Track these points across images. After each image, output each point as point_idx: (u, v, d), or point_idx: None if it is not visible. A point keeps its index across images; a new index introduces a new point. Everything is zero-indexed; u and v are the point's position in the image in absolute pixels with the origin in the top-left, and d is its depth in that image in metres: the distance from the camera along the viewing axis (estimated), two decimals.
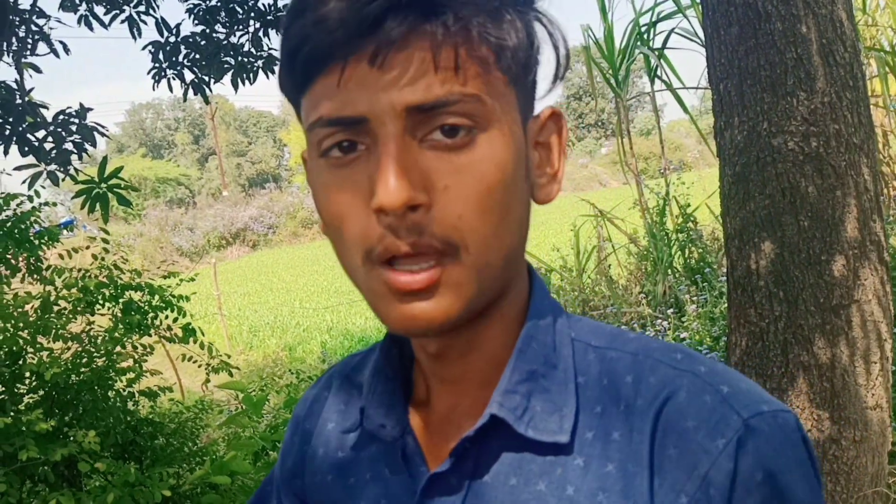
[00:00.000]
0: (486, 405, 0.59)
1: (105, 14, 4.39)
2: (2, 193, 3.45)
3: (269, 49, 4.74)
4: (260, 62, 4.72)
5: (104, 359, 3.36)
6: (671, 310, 6.06)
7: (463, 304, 0.54)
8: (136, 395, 3.52)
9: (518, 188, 0.55)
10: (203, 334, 3.86)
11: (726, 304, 5.31)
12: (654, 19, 7.23)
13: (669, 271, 6.75)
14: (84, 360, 3.31)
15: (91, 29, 4.38)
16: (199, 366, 3.94)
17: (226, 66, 4.58)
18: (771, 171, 2.36)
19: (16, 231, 3.22)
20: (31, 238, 3.31)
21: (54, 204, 3.88)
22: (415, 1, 0.50)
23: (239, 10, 4.53)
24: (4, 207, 3.33)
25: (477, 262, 0.53)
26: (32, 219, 3.36)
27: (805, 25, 2.30)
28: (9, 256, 3.17)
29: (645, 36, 7.30)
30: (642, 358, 0.57)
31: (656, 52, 7.19)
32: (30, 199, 3.43)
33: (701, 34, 6.85)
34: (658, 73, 7.44)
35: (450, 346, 0.61)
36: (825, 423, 2.33)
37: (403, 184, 0.50)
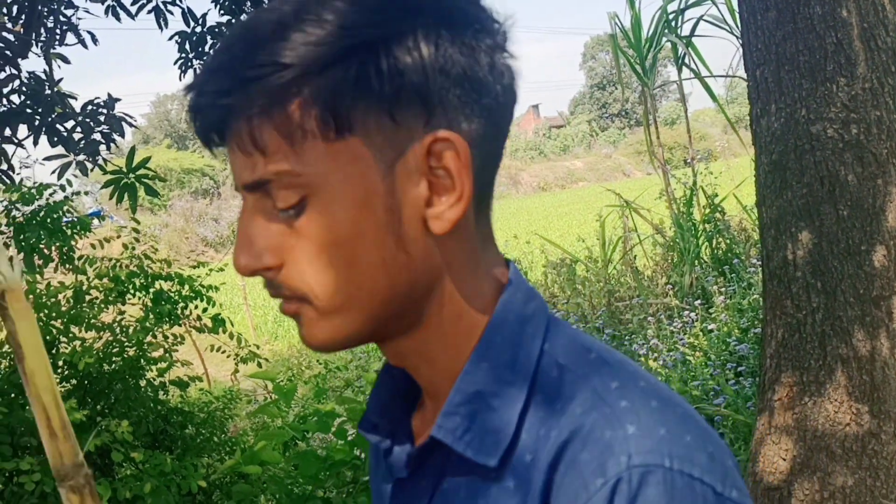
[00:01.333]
0: None
1: (132, 4, 4.39)
2: (35, 183, 3.48)
3: None
4: None
5: (135, 348, 3.39)
6: (698, 301, 6.01)
7: (328, 335, 0.59)
8: (168, 384, 3.55)
9: (366, 238, 0.55)
10: (232, 324, 3.87)
11: (755, 296, 5.27)
12: (682, 7, 7.14)
13: (696, 262, 6.69)
14: (115, 349, 3.34)
15: (118, 19, 4.40)
16: (228, 356, 3.96)
17: None
18: (809, 159, 2.32)
19: (48, 221, 3.24)
20: (64, 228, 3.34)
21: (86, 193, 3.90)
22: (219, 92, 0.54)
23: None
24: (37, 197, 3.36)
25: (327, 307, 0.57)
26: (65, 208, 3.39)
27: (846, 9, 2.25)
28: (41, 246, 3.19)
29: (672, 24, 7.22)
30: (584, 383, 0.57)
31: (684, 41, 7.10)
32: (62, 188, 3.45)
33: (730, 21, 6.77)
34: (685, 61, 7.35)
35: (396, 359, 0.64)
36: (864, 416, 2.29)
37: (244, 254, 0.57)
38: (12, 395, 3.11)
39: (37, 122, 3.76)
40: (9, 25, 3.89)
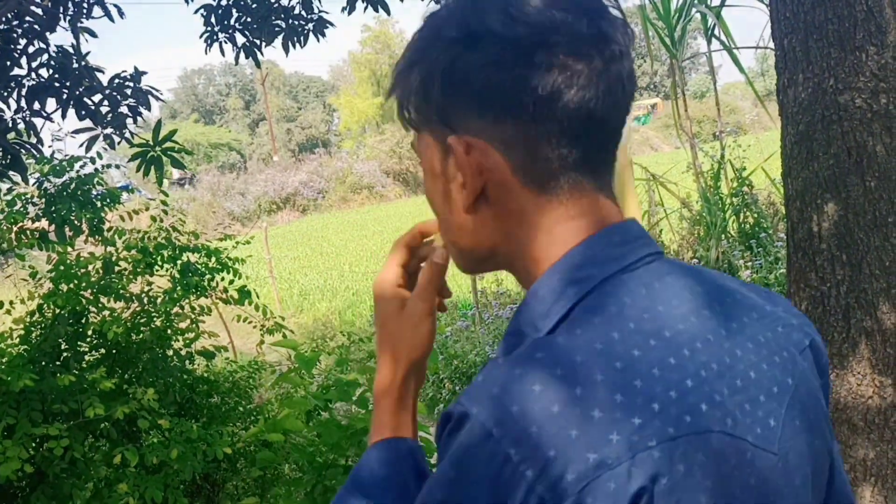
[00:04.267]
0: None
1: None
2: (66, 156, 3.52)
3: (319, 12, 4.71)
4: (310, 25, 4.69)
5: (162, 319, 3.44)
6: None
7: (455, 262, 0.83)
8: (194, 354, 3.60)
9: (437, 202, 0.79)
10: (258, 296, 3.91)
11: (782, 270, 5.22)
12: None
13: (723, 236, 6.63)
14: (143, 319, 3.39)
15: None
16: (254, 326, 4.00)
17: (276, 29, 4.57)
18: (836, 130, 2.28)
19: (79, 193, 3.29)
20: (94, 200, 3.39)
21: (118, 166, 3.94)
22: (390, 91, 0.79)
23: None
24: (68, 169, 3.40)
25: (445, 240, 0.83)
26: (95, 181, 3.43)
27: None
28: (72, 217, 3.24)
29: None
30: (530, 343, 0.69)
31: (714, 11, 6.98)
32: (92, 160, 3.49)
33: None
34: (715, 32, 7.23)
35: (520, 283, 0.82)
36: (888, 389, 2.27)
37: None
38: (43, 363, 3.18)
39: (65, 96, 3.80)
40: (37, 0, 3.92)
